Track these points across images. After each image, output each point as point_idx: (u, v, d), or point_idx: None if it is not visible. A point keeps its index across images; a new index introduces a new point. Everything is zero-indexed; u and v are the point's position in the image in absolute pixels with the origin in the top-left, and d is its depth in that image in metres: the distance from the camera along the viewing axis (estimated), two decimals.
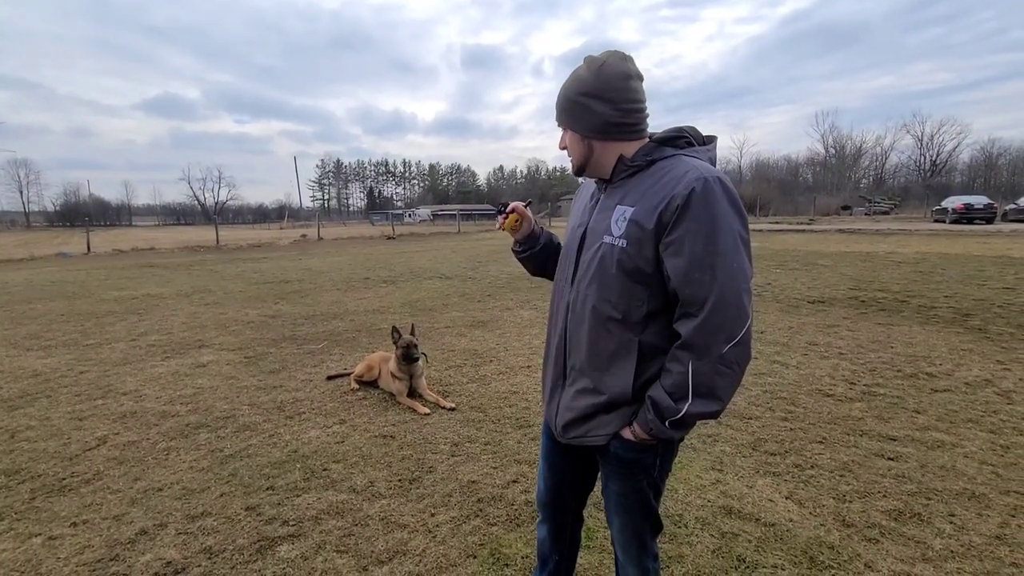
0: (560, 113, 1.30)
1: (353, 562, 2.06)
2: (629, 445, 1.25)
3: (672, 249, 1.12)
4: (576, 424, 1.32)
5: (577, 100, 1.24)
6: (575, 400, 1.31)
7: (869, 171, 65.15)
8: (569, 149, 1.31)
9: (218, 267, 13.27)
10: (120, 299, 8.41)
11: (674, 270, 1.12)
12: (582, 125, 1.26)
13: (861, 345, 4.86)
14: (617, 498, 1.35)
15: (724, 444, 2.97)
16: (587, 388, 1.28)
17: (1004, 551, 2.04)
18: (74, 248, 20.29)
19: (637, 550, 1.38)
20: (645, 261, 1.15)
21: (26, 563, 2.08)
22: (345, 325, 6.25)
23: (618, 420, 1.25)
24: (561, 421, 1.35)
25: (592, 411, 1.28)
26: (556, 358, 1.37)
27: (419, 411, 3.54)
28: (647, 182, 1.19)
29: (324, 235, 26.41)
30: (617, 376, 1.23)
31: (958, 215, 23.48)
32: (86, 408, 3.73)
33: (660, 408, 1.15)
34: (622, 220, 1.19)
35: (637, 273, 1.17)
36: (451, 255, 15.18)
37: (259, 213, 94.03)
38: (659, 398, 1.16)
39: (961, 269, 9.27)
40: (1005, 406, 3.41)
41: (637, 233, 1.15)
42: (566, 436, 1.36)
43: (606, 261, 1.21)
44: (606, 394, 1.25)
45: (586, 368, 1.28)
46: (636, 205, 1.17)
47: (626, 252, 1.17)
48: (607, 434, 1.27)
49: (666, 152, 1.21)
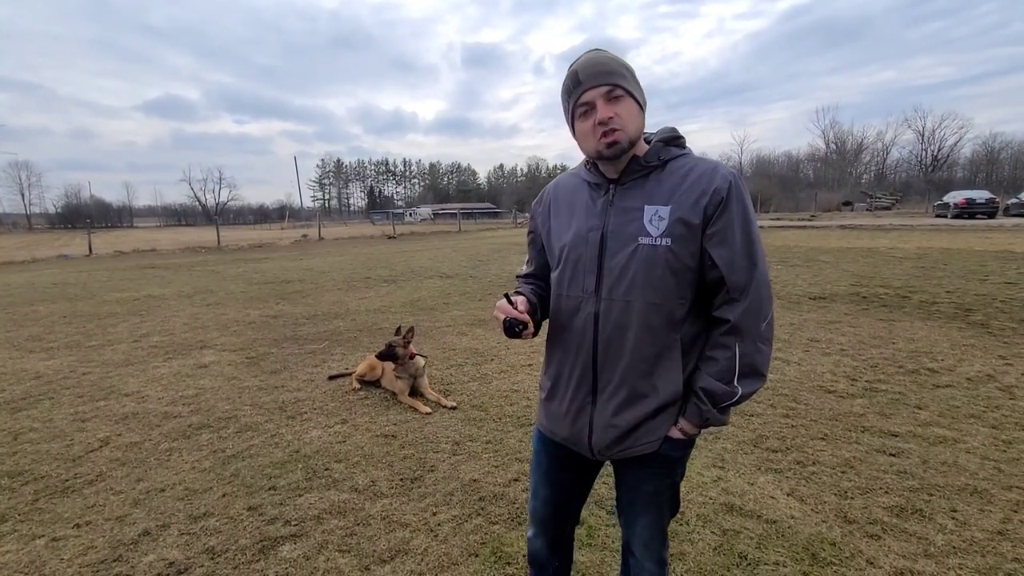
0: (615, 75, 1.16)
1: (355, 561, 2.07)
2: (678, 444, 1.25)
3: (717, 239, 1.15)
4: (621, 439, 1.25)
5: (631, 70, 1.19)
6: (618, 415, 1.23)
7: (870, 166, 65.08)
8: (624, 120, 1.16)
9: (219, 268, 13.29)
10: (122, 300, 8.42)
11: (720, 258, 1.15)
12: (641, 96, 1.21)
13: (862, 341, 4.86)
14: (651, 497, 1.32)
15: (725, 441, 2.97)
16: (631, 397, 1.22)
17: (1006, 547, 2.04)
18: (75, 250, 20.33)
19: (660, 543, 1.36)
20: (691, 256, 1.17)
21: (30, 564, 2.09)
22: (346, 325, 6.26)
23: (666, 422, 1.23)
24: (602, 440, 1.26)
25: (640, 420, 1.23)
26: (582, 374, 1.26)
27: (420, 410, 3.55)
28: (670, 181, 1.19)
29: (325, 235, 26.43)
30: (666, 378, 1.21)
31: (960, 210, 23.42)
32: (88, 409, 3.74)
33: (716, 396, 1.18)
34: (658, 220, 1.16)
35: (683, 271, 1.17)
36: (452, 254, 15.18)
37: (260, 213, 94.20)
38: (712, 387, 1.18)
39: (963, 264, 9.25)
40: (1007, 401, 3.40)
41: (682, 230, 1.15)
42: (608, 453, 1.28)
43: (650, 263, 1.16)
44: (658, 398, 1.21)
45: (629, 377, 1.21)
46: (671, 203, 1.16)
47: (672, 250, 1.16)
48: (658, 439, 1.24)
49: (673, 152, 1.22)
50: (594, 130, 1.17)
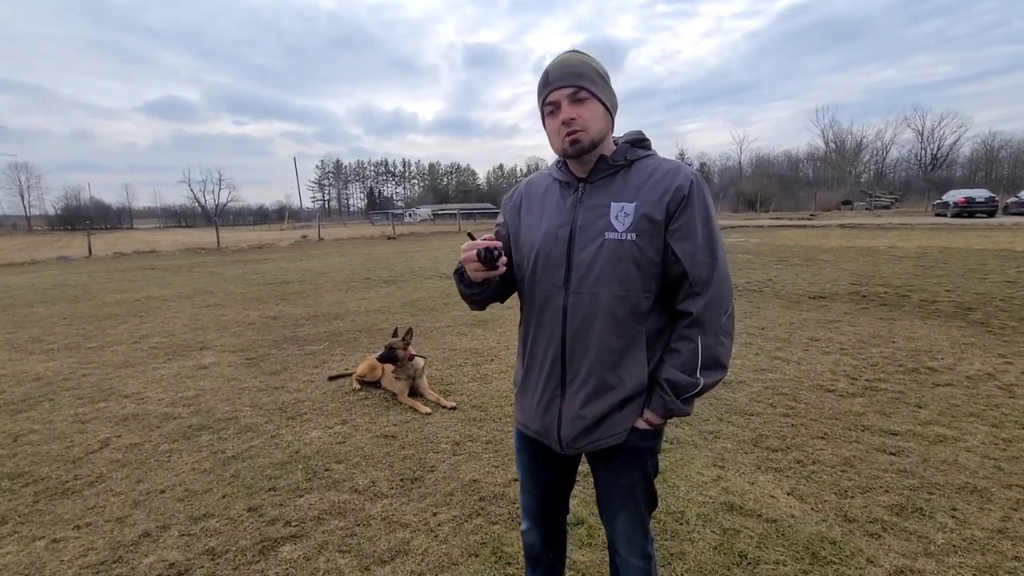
0: (583, 78, 1.20)
1: (355, 562, 2.07)
2: (644, 434, 1.28)
3: (680, 234, 1.20)
4: (589, 431, 1.27)
5: (603, 73, 1.24)
6: (586, 407, 1.26)
7: (870, 166, 64.96)
8: (587, 121, 1.20)
9: (219, 269, 13.29)
10: (121, 302, 8.42)
11: (683, 253, 1.19)
12: (610, 99, 1.26)
13: (862, 340, 4.86)
14: (626, 491, 1.34)
15: (725, 441, 2.97)
16: (598, 389, 1.25)
17: (1006, 545, 2.04)
18: (75, 251, 20.33)
19: (642, 538, 1.38)
20: (655, 251, 1.21)
21: (30, 566, 2.09)
22: (346, 325, 6.26)
23: (632, 414, 1.27)
24: (570, 432, 1.28)
25: (607, 412, 1.25)
26: (551, 367, 1.29)
27: (420, 411, 3.55)
28: (636, 179, 1.24)
29: (324, 236, 26.45)
30: (632, 371, 1.24)
31: (959, 209, 23.44)
32: (88, 411, 3.74)
33: (679, 387, 1.22)
34: (623, 215, 1.21)
35: (648, 265, 1.21)
36: (452, 254, 15.18)
37: (259, 214, 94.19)
38: (676, 378, 1.22)
39: (963, 263, 9.25)
40: (1007, 400, 3.40)
41: (647, 225, 1.20)
42: (576, 446, 1.30)
43: (616, 256, 1.21)
44: (623, 390, 1.24)
45: (596, 369, 1.24)
46: (636, 200, 1.21)
47: (636, 245, 1.20)
48: (624, 430, 1.27)
49: (639, 153, 1.28)
50: (559, 129, 1.23)
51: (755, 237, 16.93)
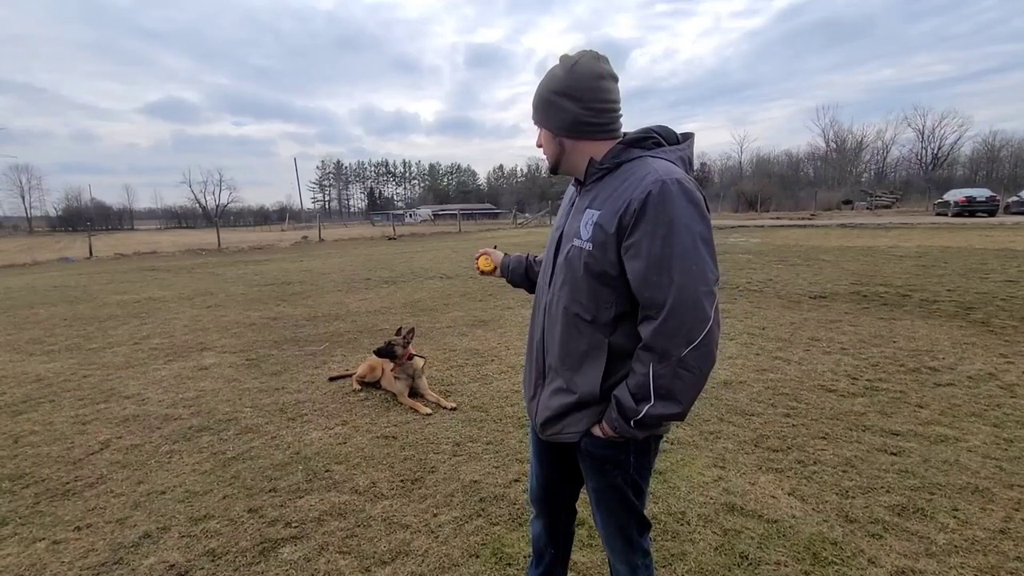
0: (535, 111, 1.32)
1: (356, 563, 2.07)
2: (599, 442, 1.28)
3: (631, 252, 1.14)
4: (552, 422, 1.35)
5: (550, 98, 1.26)
6: (551, 399, 1.34)
7: (870, 165, 64.93)
8: (544, 147, 1.34)
9: (219, 270, 13.30)
10: (122, 303, 8.43)
11: (633, 273, 1.14)
12: (554, 123, 1.28)
13: (863, 340, 4.85)
14: (595, 494, 1.37)
15: (726, 441, 2.97)
16: (560, 387, 1.32)
17: (1008, 545, 2.03)
18: (76, 253, 20.36)
19: (623, 545, 1.38)
20: (610, 264, 1.18)
21: (30, 567, 2.09)
22: (347, 326, 6.26)
23: (589, 418, 1.28)
24: (540, 419, 1.38)
25: (565, 410, 1.31)
26: (536, 357, 1.40)
27: (420, 411, 3.55)
28: (612, 185, 1.21)
29: (325, 236, 26.44)
30: (586, 376, 1.26)
31: (960, 208, 23.40)
32: (89, 412, 3.74)
33: (623, 408, 1.18)
34: (589, 224, 1.22)
35: (604, 276, 1.20)
36: (452, 255, 15.18)
37: (260, 215, 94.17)
38: (623, 398, 1.18)
39: (964, 262, 9.24)
40: (1008, 399, 3.40)
41: (601, 237, 1.18)
42: (544, 433, 1.39)
43: (574, 264, 1.24)
44: (576, 393, 1.28)
45: (560, 368, 1.31)
46: (602, 209, 1.20)
47: (592, 255, 1.20)
48: (579, 431, 1.31)
49: (633, 154, 1.23)
50: None
51: (756, 237, 16.92)
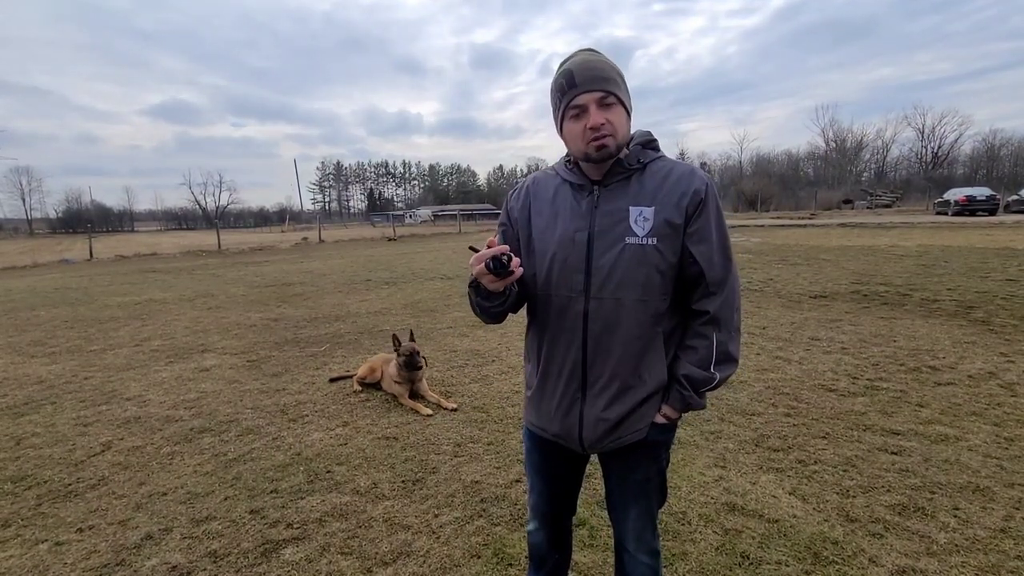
0: (610, 83, 1.18)
1: (357, 564, 2.07)
2: (662, 428, 1.33)
3: (697, 237, 1.23)
4: (611, 431, 1.29)
5: (622, 76, 1.23)
6: (609, 409, 1.27)
7: (870, 164, 64.88)
8: (615, 126, 1.19)
9: (220, 271, 13.31)
10: (123, 304, 8.44)
11: (701, 255, 1.23)
12: (630, 103, 1.26)
13: (863, 339, 4.85)
14: (640, 485, 1.37)
15: (727, 441, 2.97)
16: (622, 391, 1.27)
17: (1009, 544, 2.03)
18: (77, 254, 20.36)
19: (652, 533, 1.41)
20: (673, 254, 1.23)
21: (33, 569, 2.10)
22: (347, 327, 6.26)
23: (652, 410, 1.31)
24: (593, 434, 1.30)
25: (629, 411, 1.28)
26: (572, 372, 1.29)
27: (421, 412, 3.55)
28: (652, 183, 1.24)
29: (325, 237, 26.47)
30: (653, 367, 1.28)
31: (960, 207, 23.40)
32: (91, 414, 3.75)
33: (696, 382, 1.27)
34: (643, 220, 1.21)
35: (668, 268, 1.24)
36: (452, 255, 15.18)
37: (260, 217, 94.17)
38: (693, 374, 1.27)
39: (964, 261, 9.24)
40: (1009, 399, 3.40)
41: (667, 230, 1.22)
42: (599, 446, 1.31)
43: (637, 261, 1.21)
44: (645, 389, 1.28)
45: (619, 372, 1.26)
46: (655, 204, 1.22)
47: (658, 249, 1.22)
48: (645, 426, 1.31)
49: (651, 155, 1.28)
50: (584, 133, 1.19)
51: (756, 236, 16.91)
